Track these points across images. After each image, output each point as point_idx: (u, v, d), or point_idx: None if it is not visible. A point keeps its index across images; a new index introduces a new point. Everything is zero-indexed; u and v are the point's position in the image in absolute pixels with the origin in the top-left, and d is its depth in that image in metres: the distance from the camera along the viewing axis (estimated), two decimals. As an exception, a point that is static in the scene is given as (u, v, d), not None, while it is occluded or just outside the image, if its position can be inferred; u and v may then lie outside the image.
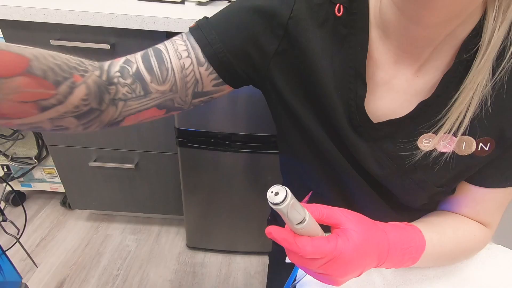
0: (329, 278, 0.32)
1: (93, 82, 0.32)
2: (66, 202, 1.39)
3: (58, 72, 0.29)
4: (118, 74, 0.35)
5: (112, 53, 0.89)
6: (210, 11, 0.89)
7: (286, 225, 0.30)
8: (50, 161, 1.28)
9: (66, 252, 1.24)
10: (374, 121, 0.37)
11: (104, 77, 0.34)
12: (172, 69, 0.37)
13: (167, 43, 0.38)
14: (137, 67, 0.36)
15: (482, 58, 0.30)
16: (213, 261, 1.25)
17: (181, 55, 0.37)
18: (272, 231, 0.29)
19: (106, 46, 0.86)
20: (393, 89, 0.37)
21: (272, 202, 0.27)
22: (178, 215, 1.28)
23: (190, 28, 0.39)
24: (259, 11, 0.36)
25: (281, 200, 0.27)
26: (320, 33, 0.36)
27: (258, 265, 1.25)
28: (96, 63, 0.35)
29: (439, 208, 0.46)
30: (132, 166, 1.11)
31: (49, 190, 1.40)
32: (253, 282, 1.20)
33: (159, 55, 0.37)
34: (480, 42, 0.31)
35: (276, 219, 0.66)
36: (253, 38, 0.37)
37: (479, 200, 0.40)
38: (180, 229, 1.37)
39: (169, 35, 0.86)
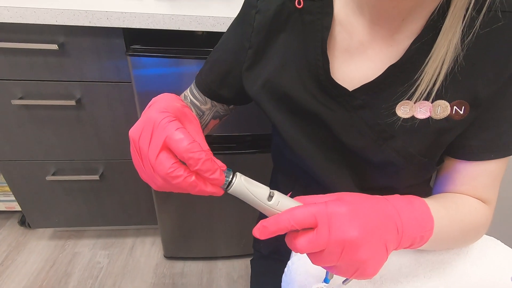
0: (353, 258, 0.28)
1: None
2: (25, 221, 1.26)
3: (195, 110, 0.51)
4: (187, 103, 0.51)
5: (62, 54, 0.80)
6: (170, 3, 0.82)
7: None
8: (1, 178, 1.15)
9: (29, 276, 1.13)
10: (351, 89, 0.39)
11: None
12: None
13: None
14: (190, 98, 0.51)
15: (451, 17, 0.32)
16: (193, 270, 1.19)
17: None
18: (257, 226, 0.30)
19: (54, 47, 0.76)
20: (368, 58, 0.39)
21: (224, 187, 0.30)
22: (152, 224, 1.20)
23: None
24: (236, 35, 0.46)
25: (230, 177, 0.30)
26: (286, 29, 0.41)
27: (241, 269, 1.21)
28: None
29: (434, 191, 0.46)
30: (96, 177, 1.02)
31: (5, 209, 1.26)
32: (237, 287, 1.16)
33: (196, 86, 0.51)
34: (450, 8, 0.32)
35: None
36: (235, 57, 0.46)
37: (473, 175, 0.40)
38: (156, 239, 1.30)
39: (126, 32, 0.78)
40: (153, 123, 0.30)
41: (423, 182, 0.50)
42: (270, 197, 0.30)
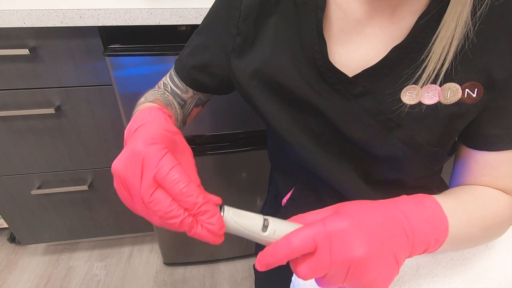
0: (361, 279, 0.26)
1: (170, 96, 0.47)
2: (15, 238, 1.20)
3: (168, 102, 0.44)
4: (167, 93, 0.47)
5: (34, 59, 0.74)
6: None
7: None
8: (-15, 195, 1.09)
9: (23, 295, 1.08)
10: (351, 75, 0.36)
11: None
12: None
13: None
14: (171, 87, 0.47)
15: None
16: (195, 275, 1.15)
17: None
18: (257, 259, 0.27)
19: (24, 51, 0.70)
20: (366, 38, 0.35)
21: None
22: (149, 231, 1.16)
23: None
24: (221, 19, 0.41)
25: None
26: (277, 12, 0.37)
27: (244, 270, 1.18)
28: (157, 90, 0.48)
29: (452, 183, 0.42)
30: (85, 187, 0.97)
31: (-8, 227, 1.20)
32: (241, 289, 1.13)
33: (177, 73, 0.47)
34: None
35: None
36: (220, 44, 0.41)
37: (494, 165, 0.37)
38: (154, 245, 1.25)
39: (103, 30, 0.72)
40: (142, 158, 0.26)
41: (433, 173, 0.46)
42: (265, 227, 0.27)
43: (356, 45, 0.36)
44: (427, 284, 0.37)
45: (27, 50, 0.70)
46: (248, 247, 1.17)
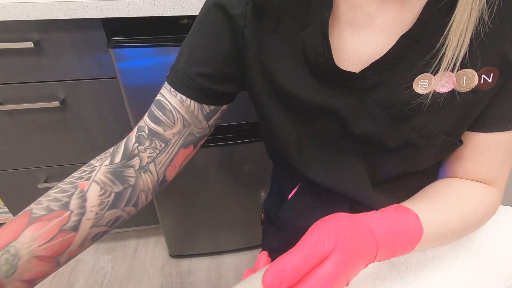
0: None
1: (102, 175, 0.36)
2: (22, 232, 1.22)
3: (60, 197, 0.32)
4: (136, 145, 0.38)
5: (39, 52, 0.74)
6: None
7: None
8: (-8, 189, 1.10)
9: (31, 288, 1.09)
10: (359, 70, 0.34)
11: (117, 159, 0.38)
12: (174, 108, 0.39)
13: (162, 88, 0.40)
14: (148, 127, 0.39)
15: None
16: (200, 267, 1.17)
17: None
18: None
19: (29, 45, 0.71)
20: (376, 30, 0.34)
21: None
22: (154, 224, 1.17)
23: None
24: (219, 7, 0.36)
25: None
26: (279, 10, 0.35)
27: (249, 261, 1.19)
28: (109, 151, 0.38)
29: (441, 170, 0.42)
30: (90, 180, 0.98)
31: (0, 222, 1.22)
32: (246, 280, 1.14)
33: (159, 104, 0.39)
34: None
35: (272, 220, 0.58)
36: (221, 39, 0.37)
37: (481, 149, 0.36)
38: (160, 238, 1.27)
39: (106, 22, 0.72)
40: None
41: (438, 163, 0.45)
42: None
43: (366, 38, 0.34)
44: (434, 265, 0.37)
45: (32, 43, 0.71)
46: (252, 239, 1.18)
